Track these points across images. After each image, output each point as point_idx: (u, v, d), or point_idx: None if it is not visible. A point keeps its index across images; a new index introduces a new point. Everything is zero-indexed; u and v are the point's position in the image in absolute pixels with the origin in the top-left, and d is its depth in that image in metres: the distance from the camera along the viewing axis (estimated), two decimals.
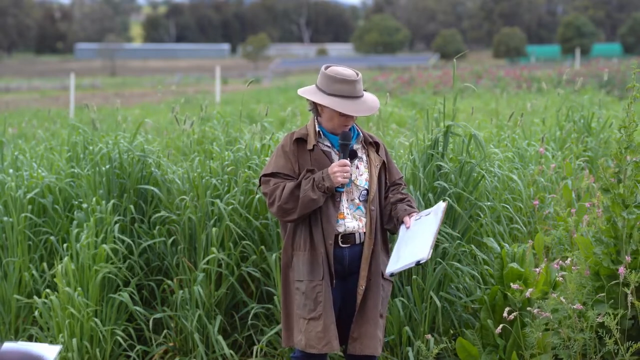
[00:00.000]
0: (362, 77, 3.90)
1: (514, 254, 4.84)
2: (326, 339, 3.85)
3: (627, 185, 4.45)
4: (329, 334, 3.85)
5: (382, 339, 4.02)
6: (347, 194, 3.91)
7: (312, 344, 3.86)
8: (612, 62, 35.46)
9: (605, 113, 9.13)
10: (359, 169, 3.94)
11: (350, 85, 3.82)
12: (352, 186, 3.91)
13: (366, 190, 3.93)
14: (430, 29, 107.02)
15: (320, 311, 3.86)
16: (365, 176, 3.94)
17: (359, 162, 3.95)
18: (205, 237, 5.31)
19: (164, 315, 5.34)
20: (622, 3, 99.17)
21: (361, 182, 3.93)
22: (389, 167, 4.04)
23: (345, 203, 3.91)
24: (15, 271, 5.67)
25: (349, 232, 3.90)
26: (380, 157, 3.99)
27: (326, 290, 3.86)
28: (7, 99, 35.61)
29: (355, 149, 3.94)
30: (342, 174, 3.77)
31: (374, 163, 3.96)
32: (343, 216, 3.89)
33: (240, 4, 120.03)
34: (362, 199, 3.93)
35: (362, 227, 3.92)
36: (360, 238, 3.92)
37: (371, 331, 3.90)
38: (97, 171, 5.65)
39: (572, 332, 4.31)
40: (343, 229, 3.89)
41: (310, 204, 3.79)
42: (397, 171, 4.10)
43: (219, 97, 20.69)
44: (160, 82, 36.74)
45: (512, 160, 6.18)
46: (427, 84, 26.83)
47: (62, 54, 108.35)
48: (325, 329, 3.85)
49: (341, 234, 3.89)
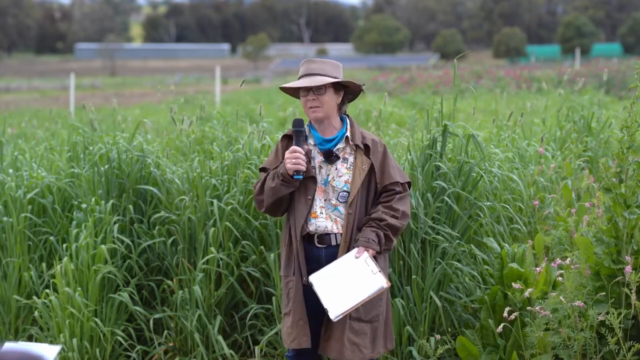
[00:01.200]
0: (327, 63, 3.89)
1: (514, 254, 4.84)
2: (293, 334, 3.85)
3: (629, 185, 4.45)
4: (296, 329, 3.84)
5: (363, 342, 3.87)
6: (324, 194, 3.87)
7: (285, 339, 3.90)
8: (612, 62, 35.45)
9: (605, 113, 9.13)
10: (339, 170, 3.87)
11: (305, 65, 3.89)
12: (329, 186, 3.87)
13: (346, 192, 3.86)
14: (430, 29, 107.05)
15: (290, 307, 3.87)
16: (345, 178, 3.87)
17: (340, 164, 3.88)
18: (204, 237, 5.30)
19: (164, 315, 5.34)
20: (622, 3, 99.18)
21: (338, 184, 3.86)
22: (381, 170, 3.90)
23: (321, 202, 3.87)
24: (15, 271, 5.67)
25: (323, 232, 3.86)
26: (369, 160, 3.88)
27: (297, 287, 3.85)
28: (7, 99, 35.62)
29: (332, 150, 3.87)
30: (291, 160, 3.75)
31: (359, 166, 3.86)
32: (315, 215, 3.86)
33: (240, 4, 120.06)
34: (342, 200, 3.87)
35: (338, 229, 3.87)
36: (336, 240, 3.88)
37: (337, 334, 3.83)
38: (95, 171, 5.65)
39: (572, 332, 4.31)
40: (314, 227, 3.86)
41: (270, 192, 3.83)
42: (393, 176, 3.91)
43: (219, 97, 20.67)
44: (160, 82, 36.76)
45: (512, 161, 6.17)
46: (427, 84, 26.84)
47: (62, 54, 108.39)
48: (293, 325, 3.85)
49: (314, 233, 3.87)
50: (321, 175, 3.88)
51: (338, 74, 3.89)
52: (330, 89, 3.86)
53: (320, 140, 3.89)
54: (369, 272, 3.77)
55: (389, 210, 3.87)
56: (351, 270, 3.79)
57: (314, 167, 3.88)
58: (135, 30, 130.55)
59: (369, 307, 3.87)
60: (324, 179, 3.87)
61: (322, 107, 3.84)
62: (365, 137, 3.93)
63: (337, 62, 3.93)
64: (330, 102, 3.86)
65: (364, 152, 3.90)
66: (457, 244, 4.90)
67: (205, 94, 25.71)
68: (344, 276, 3.78)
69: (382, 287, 3.74)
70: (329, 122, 3.90)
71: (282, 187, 3.80)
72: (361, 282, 3.76)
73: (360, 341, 3.86)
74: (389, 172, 3.91)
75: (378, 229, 3.84)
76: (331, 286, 3.76)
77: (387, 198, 3.90)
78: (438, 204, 4.93)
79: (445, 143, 5.09)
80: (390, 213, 3.86)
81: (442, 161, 5.05)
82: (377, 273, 3.77)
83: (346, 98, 3.96)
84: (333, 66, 3.88)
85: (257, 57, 79.73)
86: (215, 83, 24.22)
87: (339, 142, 3.90)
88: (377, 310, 3.92)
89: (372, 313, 3.90)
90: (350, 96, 3.98)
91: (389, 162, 3.93)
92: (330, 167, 3.87)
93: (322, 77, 3.83)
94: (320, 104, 3.83)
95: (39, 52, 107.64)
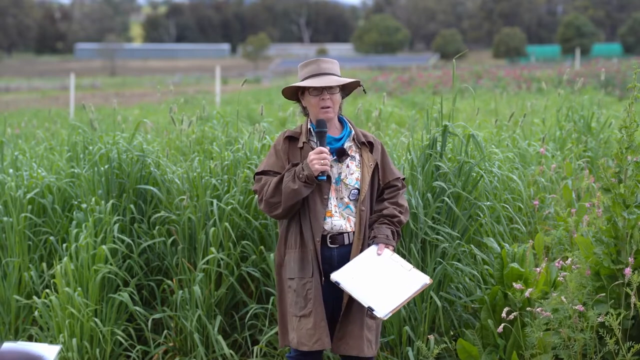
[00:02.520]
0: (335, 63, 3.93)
1: (514, 254, 4.84)
2: (316, 335, 3.85)
3: (628, 185, 4.45)
4: (319, 330, 3.85)
5: (373, 339, 3.95)
6: (336, 192, 3.89)
7: (304, 342, 3.87)
8: (612, 62, 35.45)
9: (605, 113, 9.13)
10: (349, 167, 3.92)
11: (314, 64, 3.90)
12: (341, 184, 3.89)
13: (357, 189, 3.91)
14: (430, 29, 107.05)
15: (311, 308, 3.86)
16: (356, 175, 3.92)
17: (350, 161, 3.92)
18: (204, 237, 5.30)
19: (164, 315, 5.34)
20: (622, 3, 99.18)
21: (350, 181, 3.90)
22: (383, 167, 3.98)
23: (334, 201, 3.89)
24: (15, 271, 5.67)
25: (337, 232, 3.88)
26: (374, 157, 3.95)
27: (316, 288, 3.86)
28: (7, 99, 35.63)
29: (344, 147, 3.91)
30: (319, 160, 3.75)
31: (366, 163, 3.93)
32: (331, 214, 3.87)
33: (240, 4, 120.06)
34: (353, 198, 3.91)
35: (351, 227, 3.90)
36: (349, 238, 3.90)
37: (356, 332, 3.87)
38: (95, 171, 5.65)
39: (572, 332, 4.31)
40: (330, 226, 3.87)
41: (291, 194, 3.79)
42: (394, 172, 4.02)
43: (219, 97, 20.67)
44: (160, 82, 36.77)
45: (512, 161, 6.17)
46: (427, 84, 26.83)
47: (62, 54, 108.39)
48: (316, 326, 3.85)
49: (329, 233, 3.88)
50: (333, 174, 3.90)
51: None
52: (338, 90, 3.91)
53: (330, 139, 3.91)
54: (401, 269, 3.81)
55: (397, 206, 3.96)
56: (379, 268, 3.80)
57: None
58: (135, 30, 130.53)
59: None
60: (335, 178, 3.90)
61: (333, 107, 3.89)
62: (367, 135, 4.01)
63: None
64: (338, 103, 3.93)
65: (369, 149, 3.96)
66: (457, 244, 4.90)
67: (205, 94, 25.71)
68: (374, 274, 3.78)
69: (426, 284, 3.79)
70: (333, 122, 3.94)
71: (304, 189, 3.80)
72: (399, 280, 3.78)
73: (372, 337, 3.95)
74: (391, 169, 4.02)
75: (391, 225, 3.93)
76: (363, 284, 3.76)
77: (392, 194, 3.99)
78: (438, 204, 4.93)
79: (445, 143, 5.09)
80: (397, 209, 3.96)
81: (442, 161, 5.05)
82: (412, 269, 3.82)
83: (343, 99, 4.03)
84: (338, 66, 3.96)
85: (257, 57, 79.76)
86: (215, 83, 24.22)
87: (346, 141, 3.94)
88: None
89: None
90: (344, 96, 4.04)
91: (388, 158, 4.04)
92: (340, 165, 3.90)
93: (336, 77, 3.89)
94: (332, 104, 3.88)
95: (39, 52, 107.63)
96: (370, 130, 7.31)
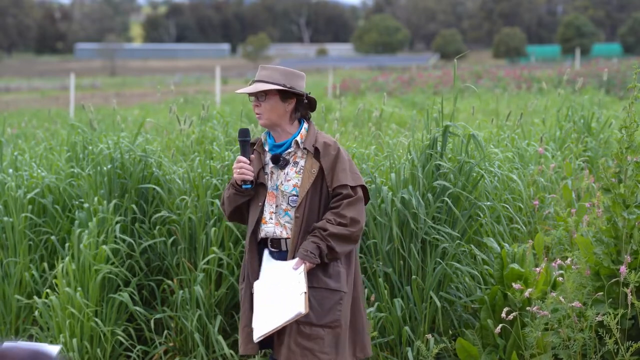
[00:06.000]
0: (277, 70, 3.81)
1: (514, 254, 4.84)
2: (240, 340, 3.92)
3: (628, 185, 4.45)
4: (242, 335, 3.88)
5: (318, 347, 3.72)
6: (274, 199, 3.84)
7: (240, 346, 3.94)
8: (612, 62, 35.44)
9: (605, 113, 9.13)
10: (288, 174, 3.83)
11: (257, 71, 3.89)
12: (278, 191, 3.84)
13: (295, 196, 3.81)
14: (430, 29, 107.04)
15: (241, 313, 3.92)
16: (293, 182, 3.81)
17: (290, 168, 3.84)
18: (205, 237, 5.31)
19: (164, 316, 5.35)
20: (622, 3, 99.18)
21: (287, 188, 3.81)
22: (330, 173, 3.77)
23: (272, 208, 3.84)
24: (16, 271, 5.67)
25: (273, 238, 3.84)
26: (318, 163, 3.78)
27: (245, 292, 3.89)
28: (7, 99, 35.62)
29: (281, 154, 3.84)
30: (237, 170, 3.81)
31: (308, 169, 3.79)
32: (264, 221, 3.85)
33: (240, 4, 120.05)
34: (293, 205, 3.81)
35: (287, 234, 3.82)
36: (286, 245, 3.83)
37: (285, 339, 3.74)
38: (98, 171, 5.65)
39: (571, 332, 4.32)
40: (264, 233, 3.85)
41: (227, 201, 3.92)
42: (341, 179, 3.76)
43: (219, 97, 20.66)
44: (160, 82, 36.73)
45: (512, 160, 6.17)
46: (427, 84, 26.82)
47: (62, 54, 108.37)
48: (241, 331, 3.90)
49: (266, 238, 3.86)
50: (272, 180, 3.86)
51: (289, 83, 3.79)
52: (275, 96, 3.80)
53: (271, 146, 3.89)
54: (297, 290, 3.63)
55: (336, 217, 3.73)
56: (285, 283, 3.69)
57: (267, 173, 3.87)
58: (135, 30, 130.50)
59: (321, 311, 3.75)
60: (274, 184, 3.85)
61: (263, 114, 3.81)
62: (317, 140, 3.83)
63: (295, 71, 3.84)
64: (275, 109, 3.80)
65: (313, 155, 3.82)
66: (457, 244, 4.90)
67: (205, 94, 25.70)
68: (277, 289, 3.71)
69: (300, 313, 3.57)
70: (281, 129, 3.85)
71: (236, 197, 3.87)
72: (286, 301, 3.65)
73: (314, 346, 3.72)
74: (338, 175, 3.76)
75: (320, 240, 3.70)
76: (264, 300, 3.72)
77: (336, 203, 3.77)
78: (438, 203, 4.93)
79: (445, 143, 5.09)
80: (336, 220, 3.72)
81: (443, 161, 5.05)
82: (302, 294, 3.60)
83: (301, 106, 3.87)
84: (284, 74, 3.81)
85: (257, 57, 79.69)
86: (215, 83, 24.21)
87: (288, 147, 3.86)
88: (335, 315, 3.76)
89: (327, 318, 3.75)
90: (307, 104, 3.88)
91: (341, 165, 3.78)
92: (280, 172, 3.85)
93: (264, 84, 3.79)
94: (261, 110, 3.81)
95: (39, 52, 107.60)
96: (370, 130, 7.31)
